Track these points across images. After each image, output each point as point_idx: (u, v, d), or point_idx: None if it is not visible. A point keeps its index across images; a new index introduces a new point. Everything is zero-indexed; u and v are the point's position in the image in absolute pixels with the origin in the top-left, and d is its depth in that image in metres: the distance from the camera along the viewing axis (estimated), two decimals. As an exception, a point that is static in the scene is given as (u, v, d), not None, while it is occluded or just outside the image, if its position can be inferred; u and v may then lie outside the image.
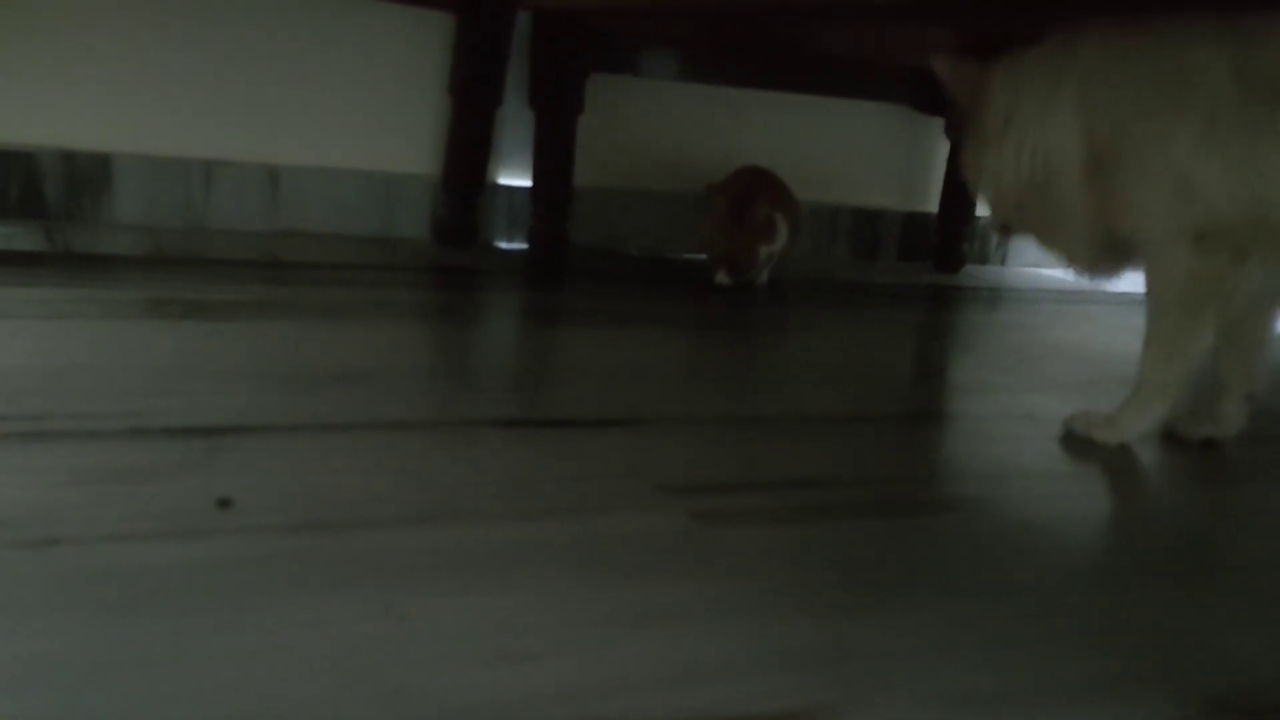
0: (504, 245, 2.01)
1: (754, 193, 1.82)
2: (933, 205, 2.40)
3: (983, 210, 2.37)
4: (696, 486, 0.91)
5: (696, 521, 0.83)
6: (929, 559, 0.82)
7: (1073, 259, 1.19)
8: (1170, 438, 1.18)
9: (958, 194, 2.34)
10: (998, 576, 0.80)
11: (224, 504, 0.76)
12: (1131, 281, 1.21)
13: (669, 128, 2.13)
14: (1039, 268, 2.50)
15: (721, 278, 1.81)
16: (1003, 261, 2.55)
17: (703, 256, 1.96)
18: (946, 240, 2.37)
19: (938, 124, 2.34)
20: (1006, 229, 1.24)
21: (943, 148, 2.36)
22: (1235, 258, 1.05)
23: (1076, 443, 1.15)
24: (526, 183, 1.92)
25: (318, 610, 0.63)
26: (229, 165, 1.79)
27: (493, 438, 0.98)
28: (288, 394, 1.02)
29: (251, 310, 1.32)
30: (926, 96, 2.29)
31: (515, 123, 1.93)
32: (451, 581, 0.68)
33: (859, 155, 2.36)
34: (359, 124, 1.88)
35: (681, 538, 0.80)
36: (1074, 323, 1.92)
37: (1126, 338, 1.13)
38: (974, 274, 2.37)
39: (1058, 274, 2.32)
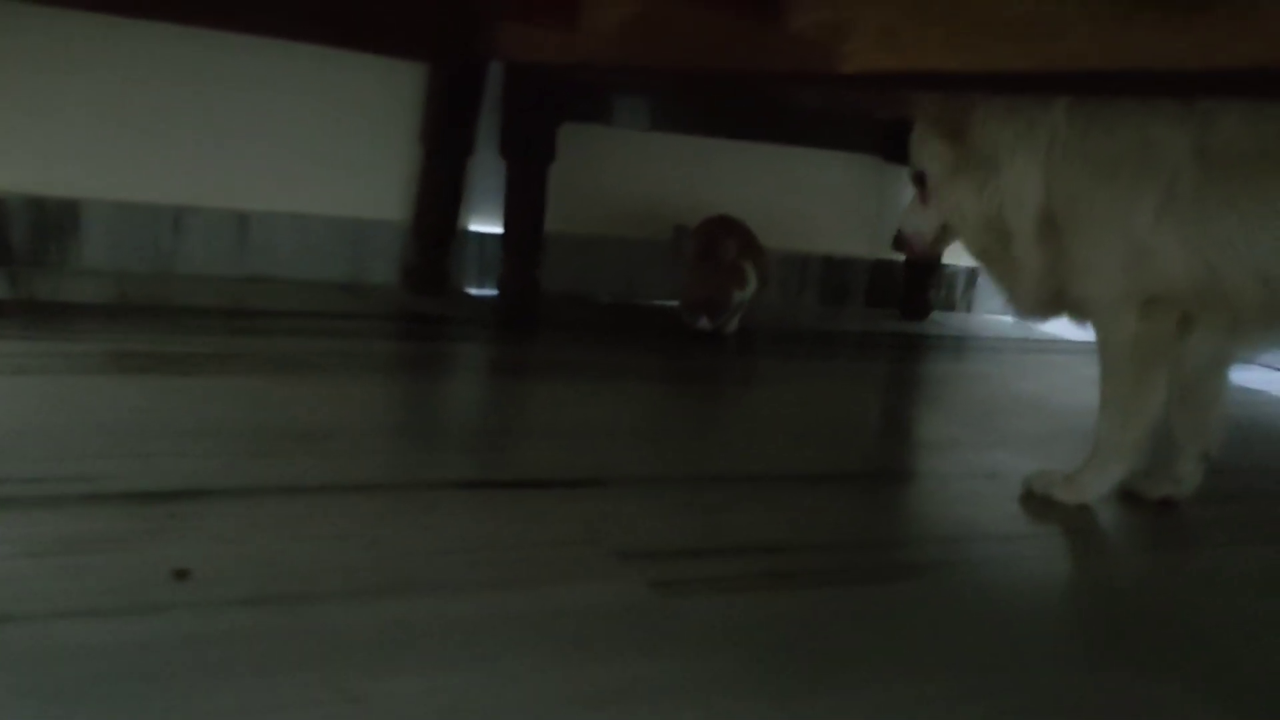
0: (474, 291, 2.01)
1: (721, 237, 1.84)
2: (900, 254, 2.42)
3: (950, 259, 2.41)
4: (656, 552, 0.91)
5: (654, 591, 0.83)
6: (888, 631, 0.82)
7: (1020, 307, 1.21)
8: (1129, 496, 1.20)
9: (925, 242, 2.37)
10: (956, 650, 0.80)
11: (181, 575, 0.75)
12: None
13: (640, 176, 2.15)
14: (1004, 315, 2.52)
15: (703, 323, 1.82)
16: (969, 308, 2.58)
17: (676, 303, 1.97)
18: (913, 288, 2.39)
19: (904, 173, 2.37)
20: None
21: (910, 196, 2.38)
22: (1182, 323, 1.07)
23: (1036, 502, 1.16)
24: (498, 229, 1.93)
25: (272, 694, 0.62)
26: (198, 211, 1.78)
27: (454, 501, 0.97)
28: (249, 455, 1.01)
29: (215, 363, 1.32)
30: (894, 147, 2.32)
31: (487, 169, 1.94)
32: (405, 660, 0.68)
33: (828, 204, 2.38)
34: (330, 170, 1.88)
35: (639, 610, 0.80)
36: (1038, 373, 1.94)
37: (1089, 389, 1.15)
38: (941, 321, 2.39)
39: (1020, 323, 2.34)
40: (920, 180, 1.26)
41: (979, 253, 1.21)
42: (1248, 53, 0.60)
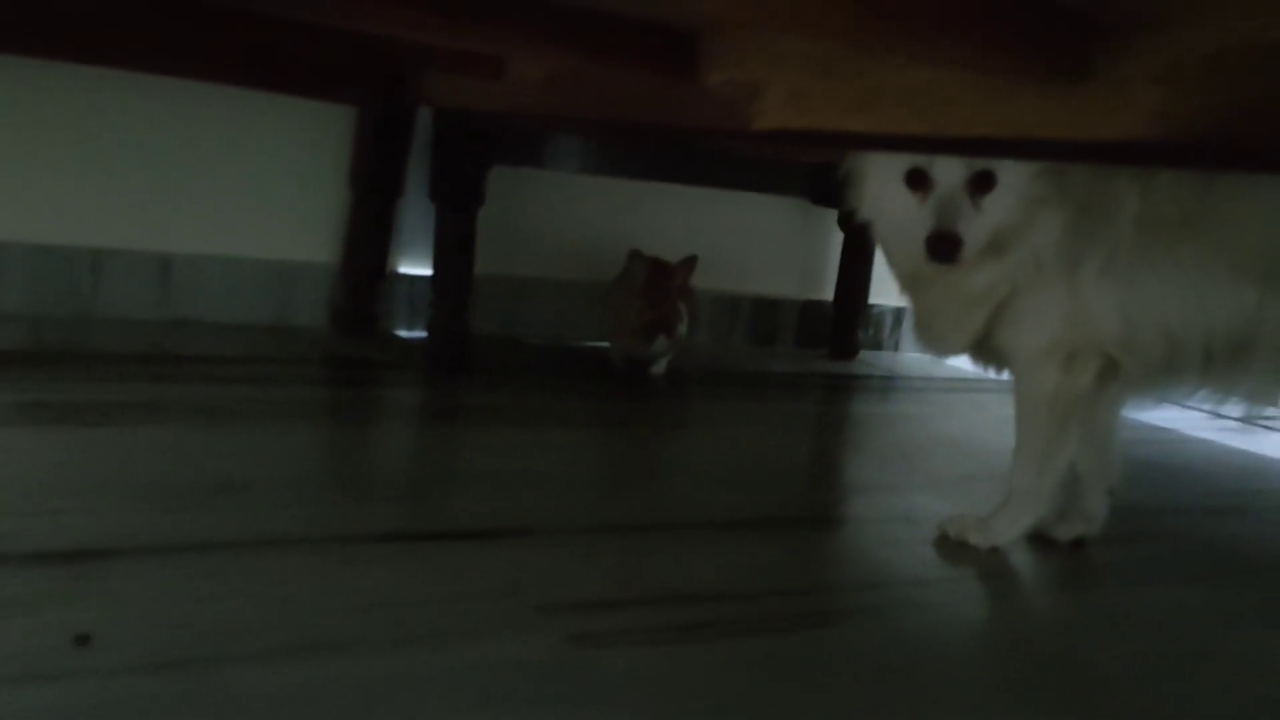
0: (404, 334, 2.00)
1: (668, 267, 1.87)
2: (828, 294, 2.46)
3: (878, 298, 2.47)
4: (576, 604, 0.91)
5: (572, 645, 0.83)
6: (802, 681, 0.83)
7: (940, 348, 1.21)
8: (1040, 539, 1.23)
9: (853, 283, 2.41)
10: (867, 699, 0.82)
11: (82, 641, 0.74)
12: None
13: (571, 218, 2.16)
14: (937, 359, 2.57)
15: (658, 346, 1.83)
16: (896, 348, 2.63)
17: (606, 345, 1.98)
18: (842, 328, 2.43)
19: (833, 215, 2.42)
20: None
21: (838, 238, 2.44)
22: (1101, 377, 1.11)
23: (951, 546, 1.18)
24: (427, 271, 1.92)
25: (170, 764, 0.61)
26: (118, 254, 1.76)
27: (372, 554, 0.97)
28: (161, 510, 0.99)
29: (131, 413, 1.30)
30: (821, 189, 2.37)
31: (416, 211, 1.94)
32: (314, 724, 0.67)
33: (757, 246, 2.42)
34: (256, 211, 1.87)
35: (556, 664, 0.80)
36: (962, 412, 1.98)
37: (1008, 428, 1.18)
38: (869, 361, 2.44)
39: (948, 361, 2.39)
40: (984, 180, 1.05)
41: (910, 281, 1.19)
42: (1121, 126, 0.63)
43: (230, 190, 1.84)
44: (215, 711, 0.67)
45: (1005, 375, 1.22)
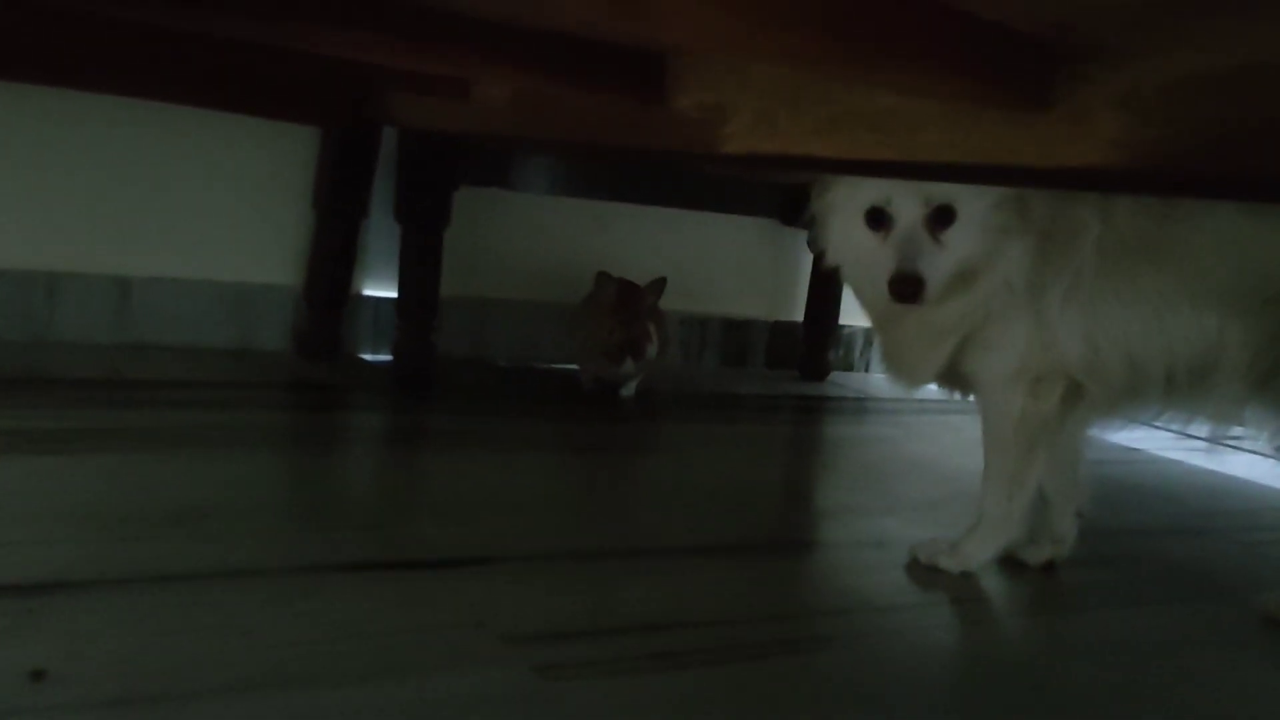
0: (369, 357, 1.98)
1: (637, 289, 1.86)
2: (799, 315, 2.47)
3: (848, 319, 2.47)
4: (542, 635, 0.90)
5: (538, 676, 0.82)
6: (770, 710, 0.83)
7: (909, 379, 1.20)
8: (1011, 562, 1.23)
9: (823, 304, 2.42)
10: (835, 728, 0.81)
11: (37, 676, 0.72)
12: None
13: (538, 239, 2.15)
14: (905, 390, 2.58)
15: (627, 367, 1.82)
16: (866, 369, 2.64)
17: (575, 367, 1.97)
18: (812, 349, 2.44)
19: (802, 236, 2.42)
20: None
21: (808, 259, 2.44)
22: (1066, 400, 1.11)
23: (922, 571, 1.18)
24: (392, 293, 1.91)
25: (122, 808, 0.60)
26: (75, 277, 1.73)
27: (335, 585, 0.95)
28: (118, 541, 0.97)
29: (87, 440, 1.27)
30: (791, 210, 2.38)
31: (381, 232, 1.93)
32: (273, 763, 0.66)
33: (727, 267, 2.42)
34: (218, 233, 1.85)
35: (522, 696, 0.79)
36: (932, 434, 1.99)
37: (979, 450, 1.18)
38: (839, 382, 2.44)
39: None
40: (943, 215, 1.05)
41: (881, 319, 1.19)
42: (1081, 154, 0.63)
43: (191, 212, 1.82)
44: (170, 752, 0.66)
45: (970, 399, 1.22)
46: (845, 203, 1.10)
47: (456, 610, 0.92)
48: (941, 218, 1.05)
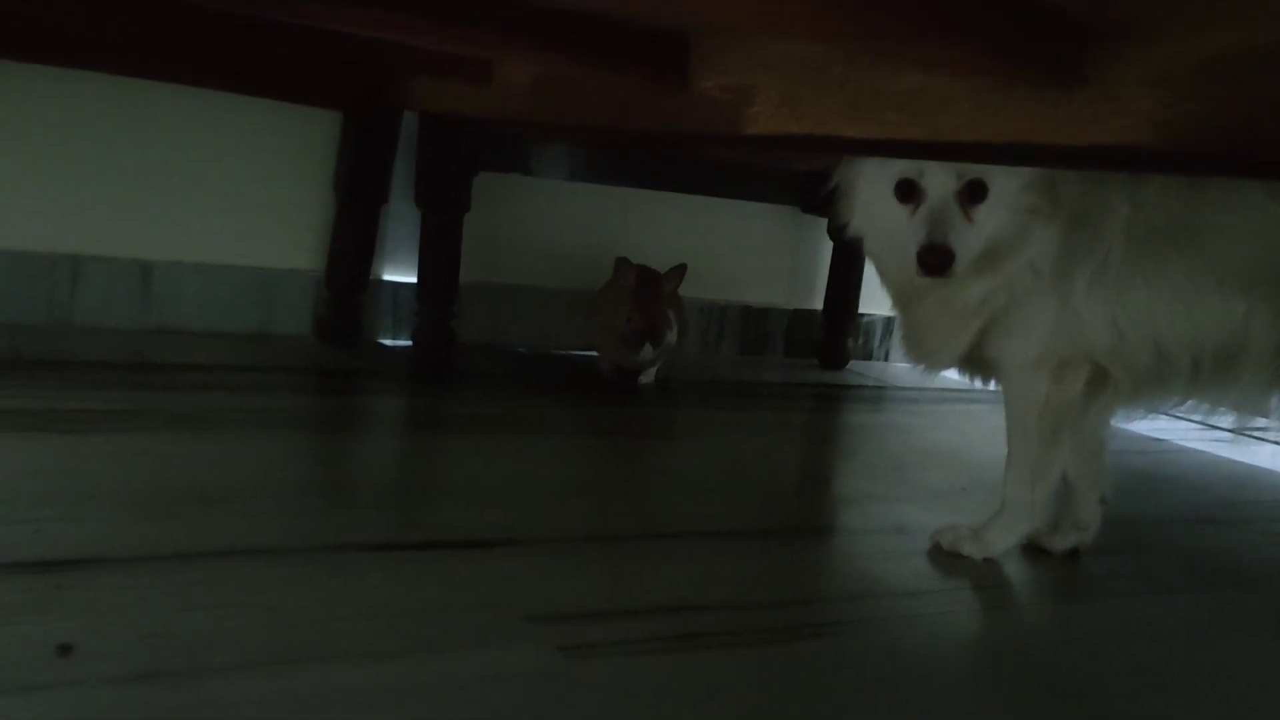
0: (388, 342, 1.99)
1: (657, 274, 1.86)
2: (818, 303, 2.46)
3: (868, 308, 2.46)
4: (566, 615, 0.90)
5: (562, 655, 0.82)
6: (793, 692, 0.82)
7: (931, 362, 1.20)
8: (1035, 549, 1.22)
9: (843, 292, 2.41)
10: (859, 710, 0.81)
11: (64, 650, 0.72)
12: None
13: (558, 226, 2.15)
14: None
15: (646, 354, 1.82)
16: (886, 358, 2.62)
17: (593, 353, 1.97)
18: (832, 337, 2.43)
19: (823, 223, 2.41)
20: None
21: (827, 246, 2.43)
22: (1090, 386, 1.10)
23: (944, 557, 1.17)
24: (412, 279, 1.91)
25: (150, 779, 0.60)
26: (98, 260, 1.74)
27: (358, 564, 0.95)
28: (143, 519, 0.98)
29: (112, 420, 1.28)
30: (812, 197, 2.37)
31: (401, 218, 1.93)
32: (298, 738, 0.66)
33: (747, 254, 2.41)
34: (239, 218, 1.86)
35: (546, 675, 0.79)
36: (952, 423, 1.98)
37: (1000, 439, 1.17)
38: (858, 371, 2.43)
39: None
40: (976, 190, 1.04)
41: (902, 295, 1.17)
42: (1114, 132, 0.62)
43: (212, 196, 1.83)
44: (197, 724, 0.66)
45: (992, 386, 1.22)
46: (874, 174, 1.08)
47: (480, 590, 0.92)
48: (973, 193, 1.04)
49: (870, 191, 1.10)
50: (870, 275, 2.38)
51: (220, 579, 0.88)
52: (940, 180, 1.03)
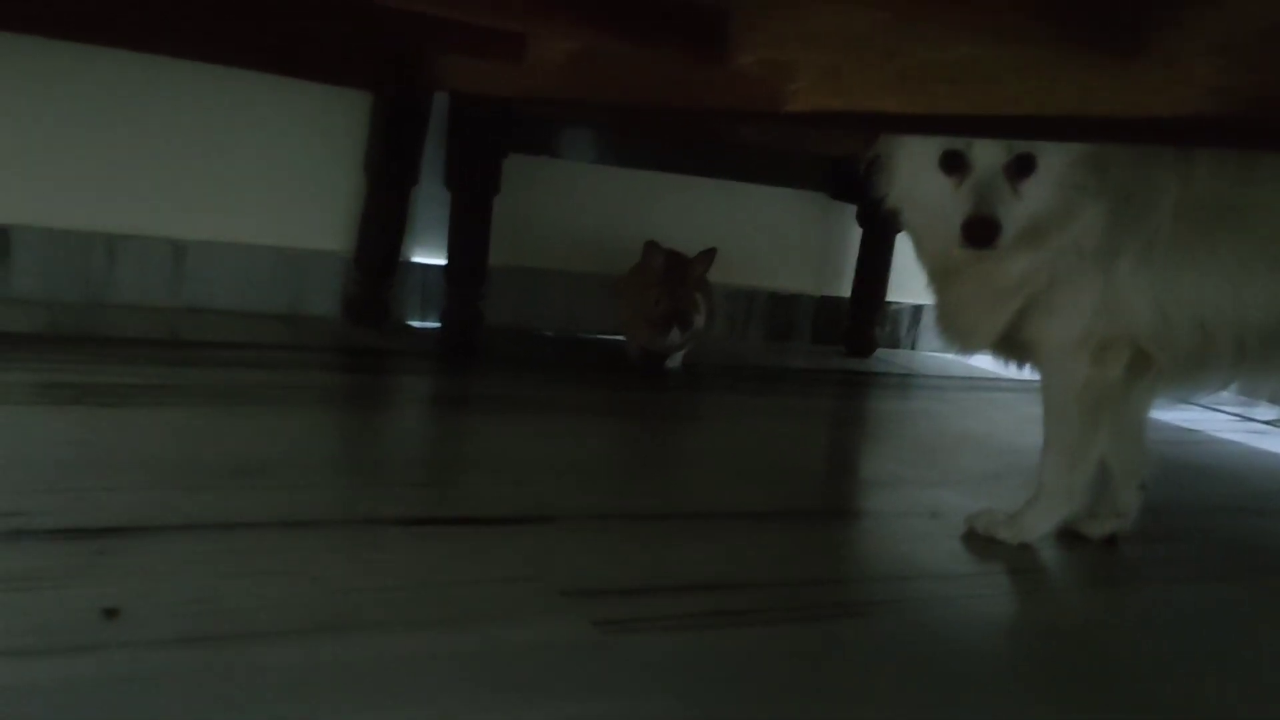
0: (417, 324, 1.99)
1: (685, 258, 1.86)
2: (846, 290, 2.45)
3: (896, 295, 2.45)
4: (601, 590, 0.90)
5: (599, 630, 0.82)
6: (829, 670, 0.82)
7: (966, 342, 1.18)
8: (1071, 536, 1.21)
9: (871, 279, 2.40)
10: (896, 690, 0.80)
11: (111, 614, 0.73)
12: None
13: (586, 209, 2.15)
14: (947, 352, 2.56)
15: (673, 338, 1.82)
16: (913, 346, 2.61)
17: (621, 337, 1.97)
18: (859, 324, 2.42)
19: (851, 210, 2.40)
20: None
21: (856, 233, 2.42)
22: (1131, 369, 1.09)
23: (979, 541, 1.16)
24: (441, 260, 1.91)
25: (199, 739, 0.60)
26: (132, 239, 1.75)
27: (395, 537, 0.96)
28: (183, 490, 0.98)
29: (149, 394, 1.28)
30: (841, 183, 2.36)
31: (431, 200, 1.93)
32: (342, 700, 0.66)
33: (774, 240, 2.40)
34: (270, 199, 1.86)
35: (584, 648, 0.79)
36: (982, 411, 1.97)
37: (1032, 427, 1.16)
38: (886, 358, 2.42)
39: (966, 359, 2.37)
40: (1024, 164, 1.03)
41: (939, 271, 1.16)
42: (1174, 102, 0.61)
43: (244, 177, 1.83)
44: (244, 685, 0.66)
45: (1025, 370, 1.20)
46: (918, 146, 1.07)
47: (516, 565, 0.92)
48: (1022, 167, 1.02)
49: (913, 163, 1.08)
50: (899, 262, 2.37)
51: (259, 548, 0.88)
52: (989, 151, 1.02)
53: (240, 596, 0.78)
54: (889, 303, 2.47)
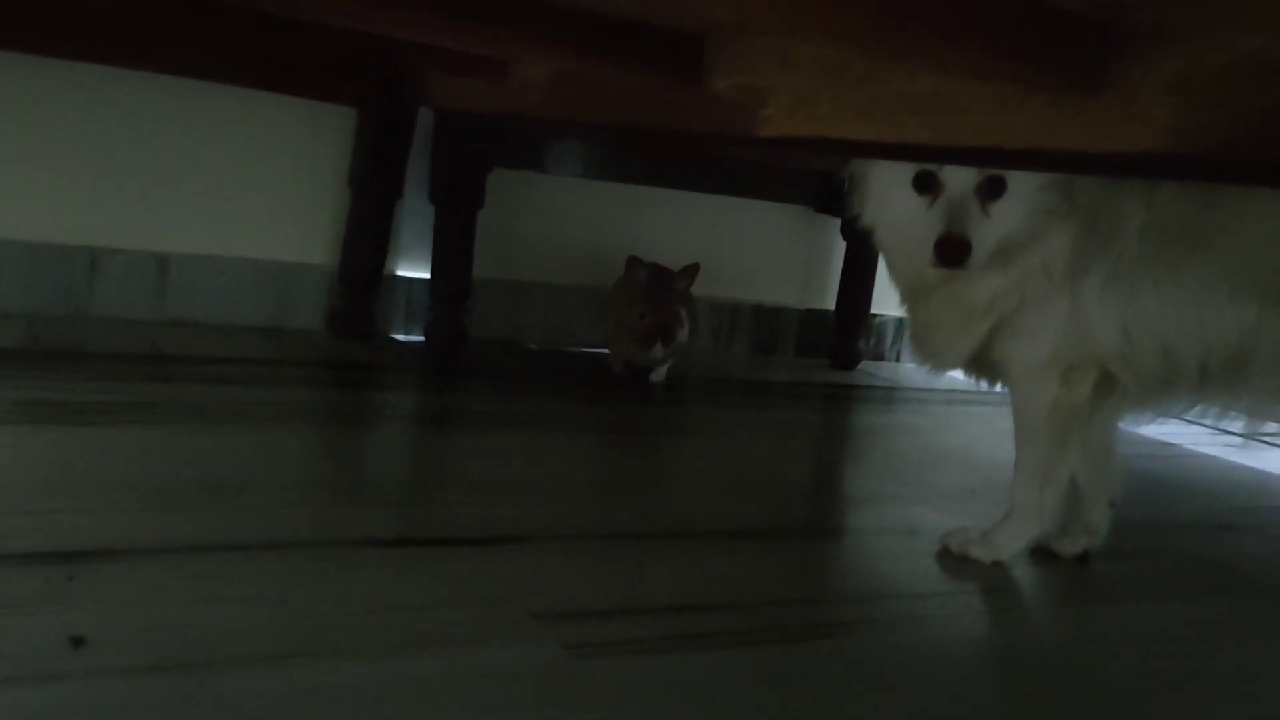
0: (401, 337, 2.00)
1: (669, 273, 1.86)
2: (830, 303, 2.46)
3: (880, 309, 2.46)
4: (573, 613, 0.90)
5: (569, 653, 0.82)
6: (801, 692, 0.83)
7: (938, 362, 1.20)
8: (1044, 553, 1.22)
9: (855, 292, 2.41)
10: (867, 711, 0.81)
11: (78, 642, 0.73)
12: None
13: (571, 222, 2.16)
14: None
15: (656, 352, 1.83)
16: (897, 359, 2.62)
17: (606, 351, 1.98)
18: (843, 338, 2.43)
19: (835, 224, 2.41)
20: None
21: (840, 246, 2.43)
22: (1098, 390, 1.10)
23: (953, 559, 1.17)
24: (426, 274, 1.92)
25: (162, 770, 0.60)
26: (115, 252, 1.75)
27: (369, 559, 0.96)
28: (158, 511, 0.99)
29: (128, 412, 1.29)
30: (825, 197, 2.37)
31: (415, 214, 1.94)
32: (309, 731, 0.67)
33: (759, 253, 2.41)
34: (254, 212, 1.86)
35: (553, 672, 0.79)
36: (963, 425, 1.98)
37: (1011, 441, 1.17)
38: (869, 371, 2.43)
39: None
40: (995, 186, 1.04)
41: (911, 290, 1.17)
42: (1131, 139, 0.62)
43: (228, 190, 1.84)
44: (212, 714, 0.66)
45: (998, 388, 1.21)
46: (891, 166, 1.08)
47: (488, 587, 0.93)
48: (992, 189, 1.03)
49: (885, 183, 1.09)
50: (883, 276, 2.38)
51: (233, 572, 0.88)
52: (961, 172, 1.03)
53: (209, 622, 0.78)
54: (873, 316, 2.48)
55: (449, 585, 0.92)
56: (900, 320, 2.58)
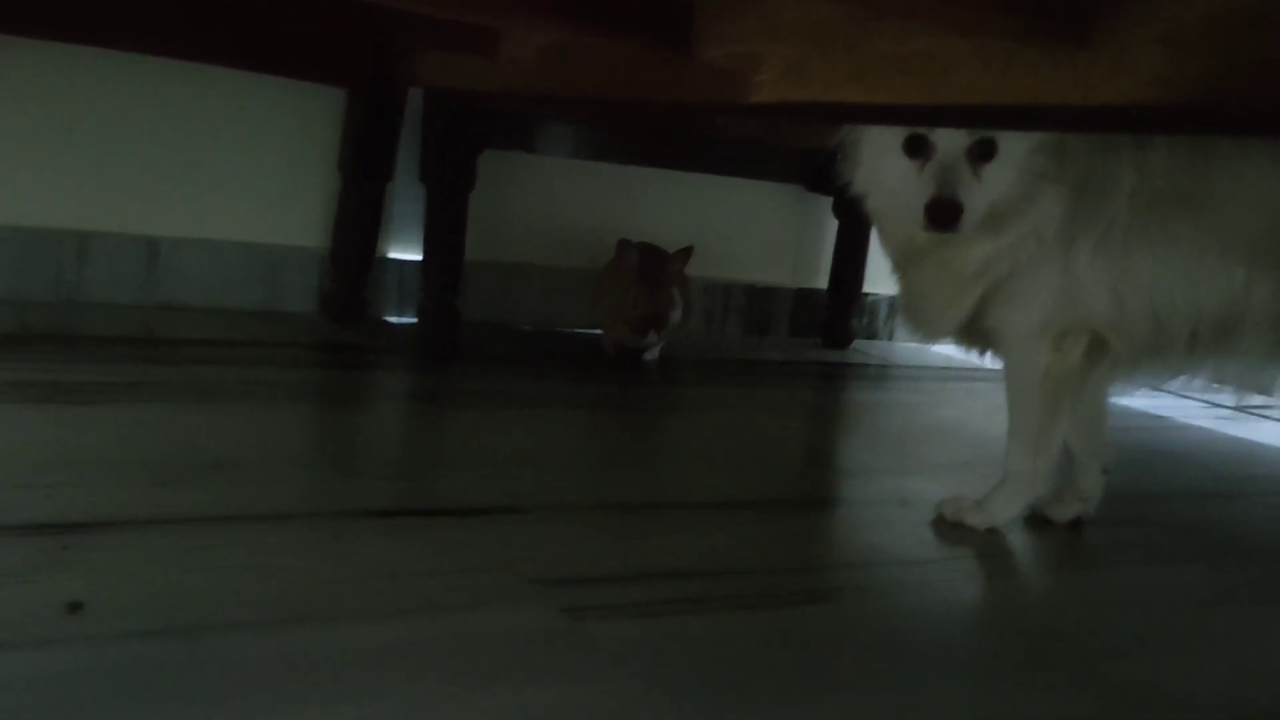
0: (393, 319, 1.99)
1: (661, 256, 1.86)
2: (823, 282, 2.46)
3: (872, 287, 2.46)
4: (570, 579, 0.91)
5: (567, 617, 0.83)
6: (799, 655, 0.83)
7: (929, 330, 1.20)
8: (1038, 521, 1.22)
9: (847, 271, 2.41)
10: (866, 673, 0.81)
11: (74, 608, 0.73)
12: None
13: (562, 203, 2.15)
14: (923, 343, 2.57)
15: (650, 338, 1.83)
16: (890, 337, 2.63)
17: (598, 331, 1.98)
18: (836, 316, 2.43)
19: (827, 202, 2.41)
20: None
21: (833, 225, 2.43)
22: (1090, 356, 1.11)
23: (947, 528, 1.18)
24: (417, 256, 1.91)
25: (163, 728, 0.61)
26: (104, 237, 1.74)
27: (365, 530, 0.96)
28: (152, 485, 0.99)
29: (120, 392, 1.28)
30: (817, 175, 2.37)
31: (406, 196, 1.93)
32: (310, 692, 0.67)
33: (751, 233, 2.41)
34: (245, 195, 1.86)
35: (552, 635, 0.79)
36: (955, 400, 1.98)
37: (1002, 415, 1.18)
38: (862, 350, 2.44)
39: (941, 350, 2.39)
40: (986, 148, 1.04)
41: (903, 257, 1.17)
42: (1121, 91, 0.62)
43: (218, 174, 1.83)
44: (210, 678, 0.67)
45: (989, 358, 1.22)
46: (881, 129, 1.08)
47: (486, 555, 0.93)
48: (983, 151, 1.03)
49: (876, 148, 1.09)
50: (875, 254, 2.38)
51: (228, 542, 0.88)
52: (952, 135, 1.03)
53: (207, 590, 0.79)
54: (866, 294, 2.48)
55: (447, 553, 0.92)
56: (892, 298, 2.58)
